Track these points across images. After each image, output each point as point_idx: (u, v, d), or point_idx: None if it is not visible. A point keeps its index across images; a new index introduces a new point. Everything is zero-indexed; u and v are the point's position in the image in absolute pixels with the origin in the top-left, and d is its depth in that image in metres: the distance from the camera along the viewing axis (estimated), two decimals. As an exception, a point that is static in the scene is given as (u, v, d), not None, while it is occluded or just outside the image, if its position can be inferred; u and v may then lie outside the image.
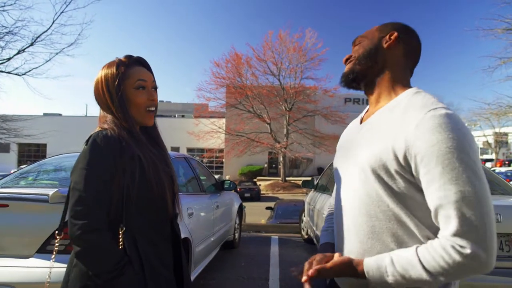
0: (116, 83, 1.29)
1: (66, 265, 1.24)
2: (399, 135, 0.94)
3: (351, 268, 0.97)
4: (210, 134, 29.82)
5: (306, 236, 6.53)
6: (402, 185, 0.95)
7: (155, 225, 1.30)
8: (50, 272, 1.39)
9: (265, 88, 29.59)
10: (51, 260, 1.35)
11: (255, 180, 30.05)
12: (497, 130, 39.67)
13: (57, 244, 1.34)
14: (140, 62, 1.40)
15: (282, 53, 29.62)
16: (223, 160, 33.95)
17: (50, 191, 2.30)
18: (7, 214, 2.37)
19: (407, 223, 0.95)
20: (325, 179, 5.43)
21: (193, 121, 32.84)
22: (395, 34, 1.10)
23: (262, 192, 26.07)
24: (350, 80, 1.16)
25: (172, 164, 1.46)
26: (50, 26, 16.95)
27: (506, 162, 40.95)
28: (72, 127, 32.42)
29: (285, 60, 29.68)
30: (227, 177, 28.22)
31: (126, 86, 1.31)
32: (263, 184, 29.22)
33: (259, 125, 29.56)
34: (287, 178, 30.06)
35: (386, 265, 0.91)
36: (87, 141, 1.23)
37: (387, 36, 1.11)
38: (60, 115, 39.02)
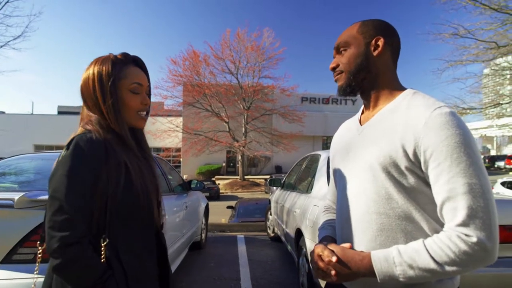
0: (110, 82, 1.18)
1: (32, 275, 1.15)
2: (407, 133, 0.98)
3: (356, 262, 0.98)
4: (167, 133, 29.08)
5: (272, 234, 6.56)
6: (412, 180, 0.98)
7: (140, 236, 1.20)
8: (34, 285, 1.26)
9: (223, 86, 29.37)
10: (35, 272, 1.22)
11: (213, 179, 29.83)
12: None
13: (40, 251, 1.18)
14: (137, 62, 1.30)
15: (240, 51, 29.57)
16: (181, 159, 33.33)
17: (15, 196, 2.10)
18: (-35, 222, 2.14)
19: (416, 218, 0.99)
20: (292, 178, 5.48)
21: (149, 120, 31.19)
22: (382, 40, 1.11)
23: (221, 191, 25.91)
24: (348, 93, 1.18)
25: (156, 172, 1.37)
26: (-6, 17, 15.72)
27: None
28: (17, 126, 30.41)
29: (243, 58, 29.66)
30: (185, 177, 27.74)
31: (121, 86, 1.21)
32: (222, 183, 29.08)
33: (217, 124, 29.32)
34: (245, 177, 30.10)
35: (394, 256, 0.93)
36: (68, 144, 1.10)
37: (374, 42, 1.12)
38: (3, 112, 36.33)
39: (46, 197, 2.20)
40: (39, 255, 1.21)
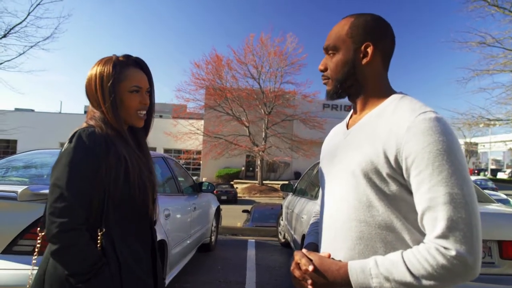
0: (110, 83, 1.25)
1: (35, 267, 1.20)
2: (389, 138, 0.94)
3: (333, 272, 0.95)
4: (188, 136, 29.47)
5: (283, 240, 6.51)
6: (394, 188, 0.95)
7: (135, 228, 1.27)
8: (31, 275, 1.29)
9: (245, 91, 29.52)
10: (32, 263, 1.29)
11: (232, 183, 29.92)
12: (467, 140, 41.11)
13: (39, 242, 1.29)
14: (138, 64, 1.37)
15: (262, 56, 29.69)
16: (201, 162, 33.63)
17: (19, 189, 2.17)
18: (-29, 212, 2.21)
19: (397, 228, 0.95)
20: (304, 183, 5.44)
21: (171, 122, 32.29)
22: (371, 48, 1.06)
23: (239, 195, 25.95)
24: (335, 98, 1.16)
25: (154, 170, 1.42)
26: (25, 18, 16.33)
27: (476, 171, 42.46)
28: (45, 124, 31.45)
29: (266, 63, 29.75)
30: (204, 179, 27.98)
31: (120, 87, 1.29)
32: (240, 187, 29.12)
33: (238, 128, 29.45)
34: (264, 182, 30.04)
35: (371, 267, 0.89)
36: (71, 137, 1.18)
37: (362, 48, 1.07)
38: (32, 110, 37.59)
39: (47, 191, 2.27)
40: (38, 247, 1.31)
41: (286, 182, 7.05)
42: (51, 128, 30.96)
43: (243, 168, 34.25)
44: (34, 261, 1.29)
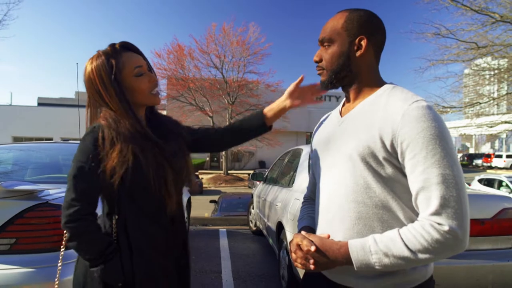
0: (112, 77, 1.25)
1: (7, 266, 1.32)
2: (385, 125, 1.01)
3: (334, 251, 1.01)
4: (150, 127, 28.76)
5: (254, 228, 6.60)
6: (390, 170, 1.02)
7: (151, 216, 1.28)
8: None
9: (208, 81, 29.15)
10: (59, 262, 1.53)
11: (197, 173, 29.70)
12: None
13: (64, 240, 1.52)
14: (127, 47, 1.34)
15: (225, 46, 29.29)
16: (164, 153, 33.01)
17: (-9, 185, 2.06)
18: None
19: (393, 207, 1.02)
20: (275, 172, 5.51)
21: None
22: (365, 41, 1.13)
23: (204, 185, 25.81)
24: (330, 88, 1.22)
25: (182, 150, 1.41)
26: (-31, 3, 15.17)
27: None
28: (-5, 117, 29.52)
29: (228, 53, 29.40)
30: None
31: (124, 76, 1.28)
32: (205, 177, 28.98)
33: (202, 118, 29.09)
34: (229, 172, 30.07)
35: (370, 244, 0.97)
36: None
37: (357, 41, 1.13)
38: (-21, 103, 35.27)
39: (22, 187, 2.17)
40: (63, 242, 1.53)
41: (253, 171, 7.11)
42: (2, 121, 29.14)
43: (207, 159, 34.06)
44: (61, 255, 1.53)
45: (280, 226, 3.87)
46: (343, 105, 1.28)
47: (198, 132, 1.59)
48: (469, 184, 7.94)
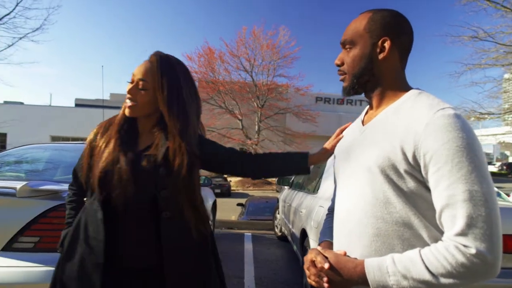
0: None
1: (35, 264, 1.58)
2: (407, 135, 0.92)
3: (349, 270, 0.93)
4: (181, 129, 29.24)
5: (279, 234, 6.52)
6: (412, 184, 0.93)
7: (101, 208, 1.32)
8: None
9: (238, 84, 29.37)
10: None
11: (225, 176, 29.89)
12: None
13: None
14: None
15: (255, 49, 29.48)
16: (193, 155, 33.45)
17: (17, 185, 2.11)
18: (-32, 209, 2.16)
19: (415, 225, 0.93)
20: (301, 177, 5.43)
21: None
22: (389, 43, 1.05)
23: (232, 188, 25.95)
24: (352, 94, 1.15)
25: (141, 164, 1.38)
26: (14, 9, 16.04)
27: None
28: (35, 117, 30.79)
29: (258, 56, 29.56)
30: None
31: None
32: (233, 180, 29.08)
33: (231, 121, 29.34)
34: (257, 175, 30.01)
35: (388, 265, 0.88)
36: None
37: (380, 43, 1.06)
38: (22, 103, 36.92)
39: (48, 187, 2.22)
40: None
41: (281, 176, 7.05)
42: (41, 121, 30.43)
43: (236, 162, 34.18)
44: None
45: (304, 233, 3.79)
46: (366, 112, 1.20)
47: (224, 154, 1.63)
48: (508, 195, 7.51)
